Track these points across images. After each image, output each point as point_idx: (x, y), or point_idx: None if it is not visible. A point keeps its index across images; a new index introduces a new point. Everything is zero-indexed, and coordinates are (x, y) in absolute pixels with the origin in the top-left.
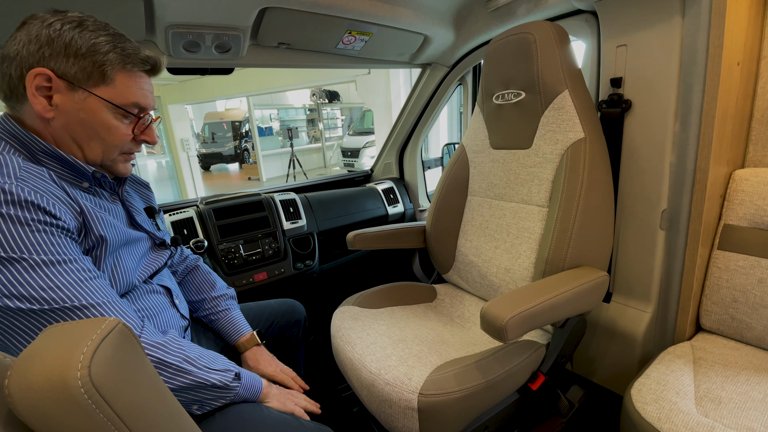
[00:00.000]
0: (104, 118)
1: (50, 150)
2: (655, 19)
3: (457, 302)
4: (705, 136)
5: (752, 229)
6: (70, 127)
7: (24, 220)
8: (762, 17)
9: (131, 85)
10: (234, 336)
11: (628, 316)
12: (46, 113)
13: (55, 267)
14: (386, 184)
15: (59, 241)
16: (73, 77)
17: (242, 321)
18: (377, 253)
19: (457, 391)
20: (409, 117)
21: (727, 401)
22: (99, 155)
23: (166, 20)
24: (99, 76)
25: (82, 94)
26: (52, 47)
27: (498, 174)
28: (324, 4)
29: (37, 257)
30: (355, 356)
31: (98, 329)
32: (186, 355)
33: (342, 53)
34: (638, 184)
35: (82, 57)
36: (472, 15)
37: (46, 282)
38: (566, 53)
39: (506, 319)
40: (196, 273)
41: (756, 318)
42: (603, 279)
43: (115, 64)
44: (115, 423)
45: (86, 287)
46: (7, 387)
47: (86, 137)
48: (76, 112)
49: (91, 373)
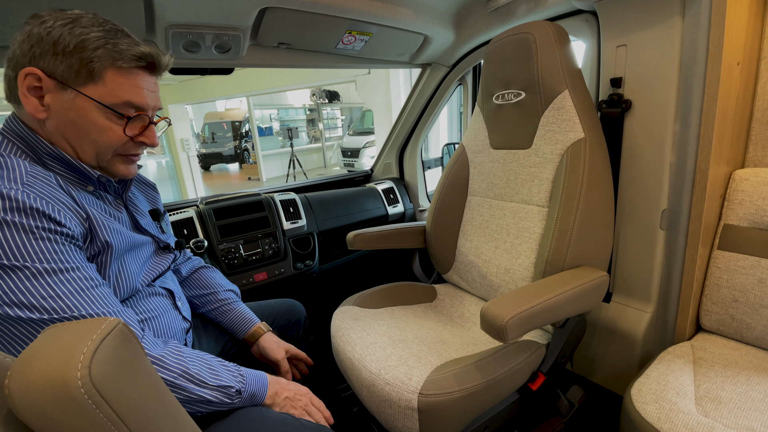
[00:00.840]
0: (94, 118)
1: (56, 153)
2: (655, 19)
3: (457, 302)
4: (705, 136)
5: (752, 229)
6: (62, 127)
7: (28, 227)
8: (762, 17)
9: (123, 83)
10: (241, 331)
11: (628, 316)
12: (38, 114)
13: (57, 275)
14: (386, 184)
15: (63, 248)
16: (60, 76)
17: (248, 314)
18: (377, 253)
19: (457, 391)
20: (409, 117)
21: (727, 401)
22: (92, 157)
23: (166, 20)
24: (87, 74)
25: (71, 94)
26: (41, 45)
27: (498, 174)
28: (324, 4)
29: (39, 265)
30: (355, 356)
31: (98, 329)
32: (185, 369)
33: (342, 53)
34: (638, 184)
35: (70, 54)
36: (472, 15)
37: (47, 291)
38: (566, 53)
39: (506, 319)
40: (202, 271)
41: (756, 318)
42: (603, 279)
43: (104, 60)
44: (115, 423)
45: (88, 296)
46: (8, 387)
47: (77, 138)
48: (66, 112)
49: (91, 373)
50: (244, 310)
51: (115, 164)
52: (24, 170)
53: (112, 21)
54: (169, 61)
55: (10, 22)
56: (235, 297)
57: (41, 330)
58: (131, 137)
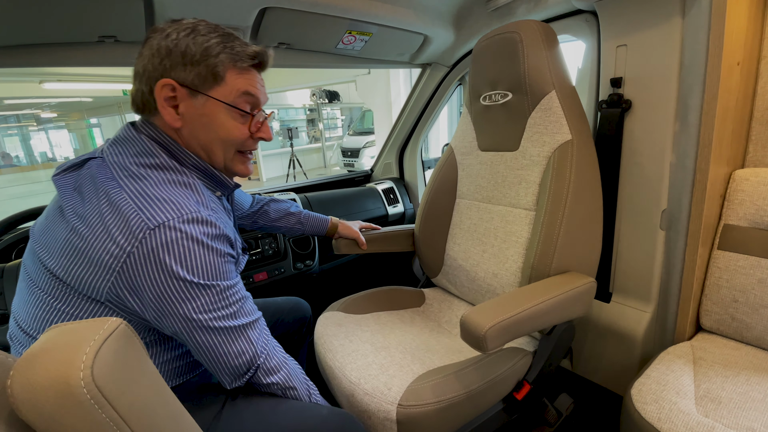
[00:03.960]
0: (222, 119)
1: (199, 163)
2: (655, 19)
3: (445, 307)
4: (705, 136)
5: (752, 229)
6: (196, 132)
7: (221, 252)
8: (762, 17)
9: (240, 80)
10: (321, 231)
11: (628, 316)
12: (175, 122)
13: (231, 289)
14: (386, 184)
15: (233, 267)
16: (191, 83)
17: (318, 218)
18: (377, 253)
19: (434, 402)
20: (409, 117)
21: (727, 401)
22: (221, 158)
23: (166, 20)
24: (212, 78)
25: (201, 99)
26: (171, 58)
27: (486, 176)
28: (324, 4)
29: (223, 283)
30: (335, 364)
31: (101, 330)
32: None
33: (342, 53)
34: (638, 184)
35: (197, 63)
36: (472, 15)
37: (230, 301)
38: (554, 53)
39: (486, 329)
40: (268, 206)
41: (756, 318)
42: (590, 285)
43: (226, 63)
44: (117, 423)
45: (252, 302)
46: (10, 387)
47: (208, 141)
48: (199, 118)
49: (93, 373)
50: (311, 218)
51: (236, 164)
52: (206, 194)
53: (221, 26)
54: (272, 56)
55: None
56: (300, 213)
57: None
58: (252, 133)
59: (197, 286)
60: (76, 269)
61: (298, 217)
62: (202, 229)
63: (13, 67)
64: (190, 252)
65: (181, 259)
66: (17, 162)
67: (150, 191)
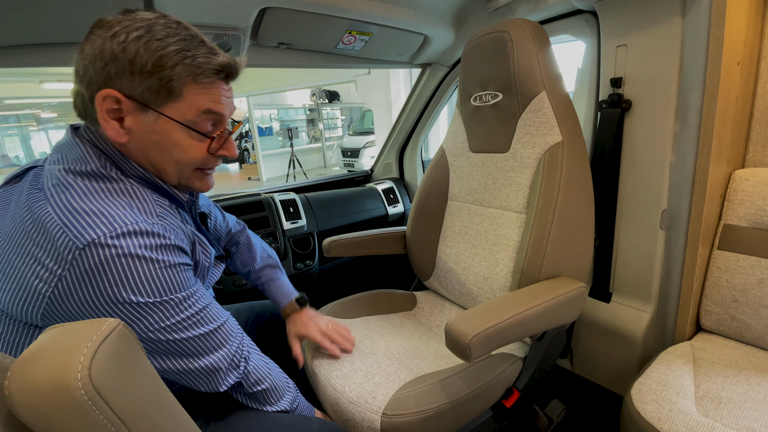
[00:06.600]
0: (176, 138)
1: (147, 177)
2: (655, 19)
3: (437, 311)
4: (705, 136)
5: (752, 229)
6: (145, 149)
7: (171, 263)
8: (762, 17)
9: (201, 95)
10: (279, 305)
11: (628, 316)
12: (120, 138)
13: (190, 299)
14: (386, 184)
15: (190, 276)
16: (140, 97)
17: (281, 291)
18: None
19: (418, 412)
20: (409, 117)
21: (727, 401)
22: (174, 176)
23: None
24: (166, 92)
25: (152, 115)
26: (116, 64)
27: (477, 178)
28: (324, 4)
29: (179, 294)
30: (321, 372)
31: (98, 330)
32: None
33: (342, 53)
34: (638, 184)
35: (148, 74)
36: (472, 15)
37: (190, 312)
38: (544, 53)
39: (470, 337)
40: (239, 247)
41: (756, 318)
42: (580, 290)
43: (184, 77)
44: (115, 424)
45: (217, 307)
46: (8, 388)
47: (160, 159)
48: (148, 135)
49: (91, 374)
50: (275, 288)
51: (193, 180)
52: (151, 199)
53: (184, 23)
54: (243, 64)
55: None
56: (266, 276)
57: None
58: (213, 152)
59: (146, 305)
60: (4, 295)
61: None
62: (142, 242)
63: (13, 67)
64: (130, 270)
65: (121, 280)
66: (17, 162)
67: (77, 203)
